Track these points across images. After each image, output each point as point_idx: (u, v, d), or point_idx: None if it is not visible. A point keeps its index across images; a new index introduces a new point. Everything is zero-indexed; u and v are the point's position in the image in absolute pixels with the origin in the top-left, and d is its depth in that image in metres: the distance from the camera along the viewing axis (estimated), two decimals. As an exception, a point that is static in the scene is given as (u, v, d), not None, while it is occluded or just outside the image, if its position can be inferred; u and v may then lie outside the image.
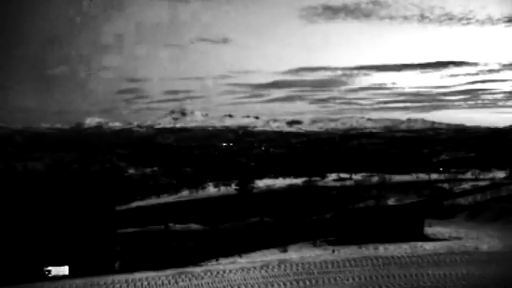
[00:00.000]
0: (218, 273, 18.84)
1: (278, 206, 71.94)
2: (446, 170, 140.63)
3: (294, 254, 27.14)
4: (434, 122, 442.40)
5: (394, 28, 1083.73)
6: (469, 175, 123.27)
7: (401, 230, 30.44)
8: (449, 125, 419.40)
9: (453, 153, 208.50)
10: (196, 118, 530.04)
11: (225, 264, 24.18)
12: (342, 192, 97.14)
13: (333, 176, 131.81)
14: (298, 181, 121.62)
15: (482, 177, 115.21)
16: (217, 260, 28.05)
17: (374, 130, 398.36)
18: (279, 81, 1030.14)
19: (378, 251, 23.97)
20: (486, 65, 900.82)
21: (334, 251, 26.01)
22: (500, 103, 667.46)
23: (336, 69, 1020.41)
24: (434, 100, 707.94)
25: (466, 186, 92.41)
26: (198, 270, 20.00)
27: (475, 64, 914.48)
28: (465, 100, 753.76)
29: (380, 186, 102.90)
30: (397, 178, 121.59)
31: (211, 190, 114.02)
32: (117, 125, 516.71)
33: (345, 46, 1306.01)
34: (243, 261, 25.44)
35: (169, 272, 19.29)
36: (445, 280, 17.12)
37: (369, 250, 24.63)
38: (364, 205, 69.97)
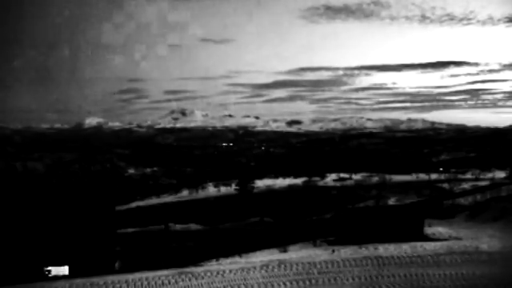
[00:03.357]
0: (217, 273, 18.83)
1: (278, 206, 72.01)
2: (446, 170, 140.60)
3: (294, 254, 27.14)
4: (433, 122, 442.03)
5: (395, 28, 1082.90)
6: (469, 175, 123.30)
7: (401, 229, 30.45)
8: (449, 125, 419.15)
9: (453, 153, 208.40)
10: (196, 118, 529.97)
11: (225, 264, 24.19)
12: (341, 192, 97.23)
13: (333, 176, 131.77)
14: (298, 181, 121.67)
15: (482, 177, 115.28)
16: (217, 260, 28.07)
17: (374, 130, 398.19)
18: (279, 81, 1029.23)
19: (378, 251, 23.96)
20: (486, 65, 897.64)
21: (333, 251, 26.01)
22: (500, 103, 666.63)
23: (337, 69, 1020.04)
24: (434, 100, 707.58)
25: (466, 186, 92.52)
26: (198, 269, 20.00)
27: (476, 64, 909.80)
28: (465, 100, 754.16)
29: (380, 185, 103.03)
30: (397, 177, 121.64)
31: (211, 189, 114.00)
32: (117, 125, 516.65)
33: (345, 46, 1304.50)
34: (243, 261, 25.45)
35: (169, 272, 19.28)
36: (445, 280, 17.11)
37: (369, 250, 24.62)
38: (364, 205, 70.01)
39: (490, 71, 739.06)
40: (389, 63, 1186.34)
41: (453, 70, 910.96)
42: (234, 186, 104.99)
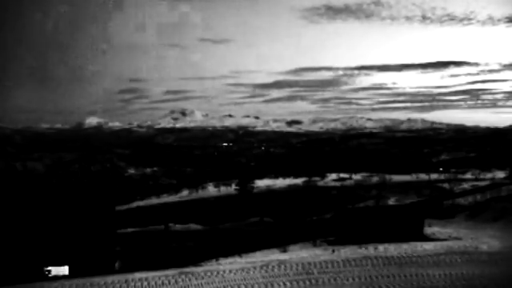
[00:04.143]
0: (217, 273, 18.82)
1: (278, 206, 72.01)
2: (446, 170, 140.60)
3: (294, 254, 27.12)
4: (433, 122, 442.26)
5: (396, 28, 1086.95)
6: (469, 175, 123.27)
7: (401, 230, 30.42)
8: (449, 125, 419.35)
9: (453, 153, 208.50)
10: (196, 118, 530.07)
11: (225, 264, 24.17)
12: (341, 192, 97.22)
13: (333, 176, 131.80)
14: (298, 181, 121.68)
15: (482, 177, 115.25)
16: (217, 260, 28.03)
17: (374, 130, 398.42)
18: (279, 81, 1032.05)
19: (378, 251, 23.95)
20: (486, 65, 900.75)
21: (333, 251, 25.97)
22: (500, 103, 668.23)
23: (337, 69, 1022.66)
24: (434, 100, 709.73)
25: (466, 186, 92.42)
26: (198, 269, 19.98)
27: (476, 64, 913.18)
28: (465, 100, 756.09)
29: (380, 185, 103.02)
30: (397, 177, 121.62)
31: (211, 190, 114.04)
32: (117, 125, 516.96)
33: (346, 46, 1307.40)
34: (243, 261, 25.42)
35: (169, 272, 19.27)
36: (445, 280, 17.10)
37: (369, 250, 24.60)
38: (364, 205, 69.99)
39: (490, 71, 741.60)
40: (389, 63, 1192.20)
41: (453, 70, 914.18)
42: (234, 186, 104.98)
